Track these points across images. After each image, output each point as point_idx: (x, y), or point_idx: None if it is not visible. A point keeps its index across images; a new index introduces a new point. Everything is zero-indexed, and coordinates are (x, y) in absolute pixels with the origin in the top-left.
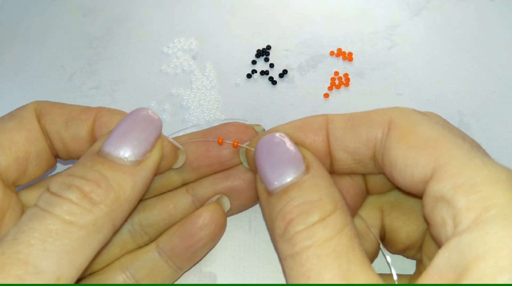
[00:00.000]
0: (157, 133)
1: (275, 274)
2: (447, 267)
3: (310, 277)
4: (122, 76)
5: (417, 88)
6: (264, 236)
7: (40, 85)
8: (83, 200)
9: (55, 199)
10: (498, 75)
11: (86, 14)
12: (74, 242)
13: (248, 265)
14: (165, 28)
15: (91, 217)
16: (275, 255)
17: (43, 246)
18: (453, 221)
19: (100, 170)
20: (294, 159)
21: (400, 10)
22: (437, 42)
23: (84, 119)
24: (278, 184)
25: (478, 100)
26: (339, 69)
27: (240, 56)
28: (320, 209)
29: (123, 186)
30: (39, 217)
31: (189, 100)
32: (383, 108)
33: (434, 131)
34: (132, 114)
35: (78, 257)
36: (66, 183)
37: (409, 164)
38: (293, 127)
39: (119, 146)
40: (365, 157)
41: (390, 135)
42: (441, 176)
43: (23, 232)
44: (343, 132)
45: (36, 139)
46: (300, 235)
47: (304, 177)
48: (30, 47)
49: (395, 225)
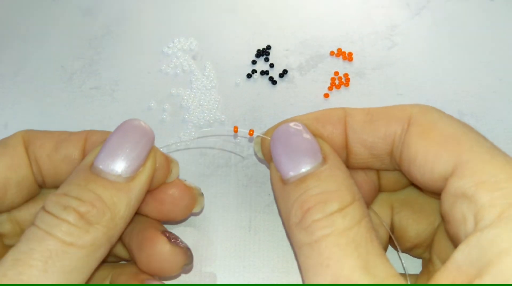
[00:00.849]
0: (150, 146)
1: (275, 274)
2: (467, 262)
3: (329, 265)
4: (122, 76)
5: (417, 88)
6: (264, 236)
7: (40, 85)
8: (80, 221)
9: (52, 220)
10: (498, 75)
11: (86, 14)
12: (74, 263)
13: (248, 265)
14: (165, 28)
15: (89, 237)
16: (275, 255)
17: (44, 267)
18: (475, 217)
19: (94, 190)
20: (312, 150)
21: (400, 10)
22: (437, 42)
23: (75, 140)
24: (294, 174)
25: (478, 100)
26: (339, 69)
27: (240, 56)
28: (339, 199)
29: (118, 205)
30: (38, 238)
31: (189, 100)
32: (403, 104)
33: (455, 128)
34: (123, 126)
35: (77, 276)
36: (61, 204)
37: (429, 160)
38: (311, 118)
39: (112, 162)
40: (382, 152)
41: (410, 131)
42: (463, 173)
43: (23, 253)
44: (361, 126)
45: (19, 166)
46: (319, 223)
47: (322, 168)
48: (30, 47)
49: (404, 223)
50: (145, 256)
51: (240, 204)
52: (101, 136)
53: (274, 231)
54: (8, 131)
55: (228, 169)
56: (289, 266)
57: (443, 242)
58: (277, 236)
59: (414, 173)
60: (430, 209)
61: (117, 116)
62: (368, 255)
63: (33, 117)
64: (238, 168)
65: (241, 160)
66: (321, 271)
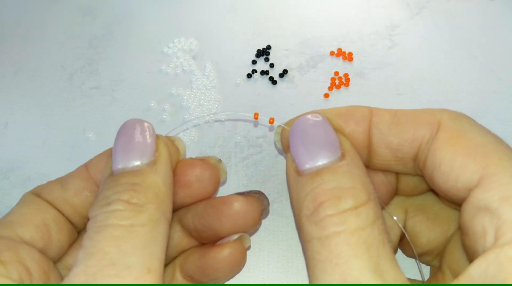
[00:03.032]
0: (153, 131)
1: (275, 274)
2: (482, 277)
3: (338, 263)
4: (122, 76)
5: (417, 88)
6: (264, 236)
7: (40, 85)
8: (130, 206)
9: (103, 215)
10: (498, 75)
11: (86, 14)
12: (143, 239)
13: (248, 265)
14: (165, 28)
15: (144, 215)
16: (275, 255)
17: (119, 249)
18: (496, 232)
19: (127, 181)
20: (331, 144)
21: (400, 10)
22: (437, 42)
23: (77, 173)
24: (310, 166)
25: (478, 100)
26: (339, 69)
27: (240, 56)
28: (354, 197)
29: (154, 184)
30: (97, 232)
31: (189, 100)
32: (432, 109)
33: (484, 138)
34: (121, 128)
35: (153, 250)
36: (104, 204)
37: (455, 168)
38: (334, 112)
39: (128, 158)
40: (407, 156)
41: (438, 137)
42: (488, 185)
43: (92, 247)
44: (388, 127)
45: (46, 208)
46: (331, 219)
47: (339, 163)
48: (30, 47)
49: (417, 229)
50: (226, 217)
51: None
52: (99, 157)
53: (274, 231)
54: (8, 131)
55: (228, 169)
56: (289, 266)
57: (456, 253)
58: (277, 236)
59: (436, 180)
60: (445, 217)
61: (117, 116)
62: (379, 258)
63: (33, 117)
64: (238, 168)
65: (241, 160)
66: (329, 268)
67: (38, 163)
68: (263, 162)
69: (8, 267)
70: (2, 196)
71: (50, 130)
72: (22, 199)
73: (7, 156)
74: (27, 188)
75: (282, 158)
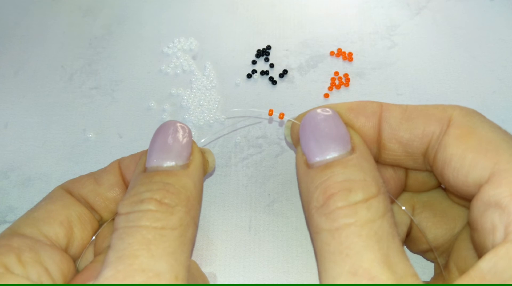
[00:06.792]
0: (191, 136)
1: (275, 274)
2: (491, 272)
3: (349, 255)
4: (122, 76)
5: (417, 88)
6: (264, 236)
7: (40, 85)
8: (162, 206)
9: (135, 215)
10: (498, 75)
11: (86, 14)
12: (173, 243)
13: (248, 265)
14: (165, 28)
15: (175, 218)
16: (275, 255)
17: (150, 254)
18: (506, 228)
19: (160, 180)
20: (341, 137)
21: (400, 10)
22: (437, 42)
23: (111, 169)
24: (320, 159)
25: (478, 100)
26: (339, 69)
27: (240, 56)
28: (364, 190)
29: (186, 187)
30: (129, 234)
31: (189, 100)
32: (443, 104)
33: (495, 134)
34: (161, 127)
35: (180, 256)
36: (136, 201)
37: (465, 164)
38: (345, 107)
39: (164, 157)
40: (417, 151)
41: (449, 133)
42: (499, 182)
43: (123, 250)
44: (399, 122)
45: (72, 204)
46: (341, 211)
47: (349, 157)
48: (30, 47)
49: (423, 225)
50: None
51: (240, 204)
52: (132, 158)
53: (274, 231)
54: (8, 131)
55: (228, 169)
56: (289, 266)
57: (464, 251)
58: (277, 236)
59: (447, 176)
60: (452, 214)
61: (117, 116)
62: (389, 250)
63: (33, 117)
64: (238, 168)
65: (241, 160)
66: (339, 259)
67: (38, 163)
68: (263, 162)
69: (28, 268)
70: (2, 196)
71: (50, 130)
72: (49, 195)
73: (7, 156)
74: (27, 188)
75: (282, 158)
